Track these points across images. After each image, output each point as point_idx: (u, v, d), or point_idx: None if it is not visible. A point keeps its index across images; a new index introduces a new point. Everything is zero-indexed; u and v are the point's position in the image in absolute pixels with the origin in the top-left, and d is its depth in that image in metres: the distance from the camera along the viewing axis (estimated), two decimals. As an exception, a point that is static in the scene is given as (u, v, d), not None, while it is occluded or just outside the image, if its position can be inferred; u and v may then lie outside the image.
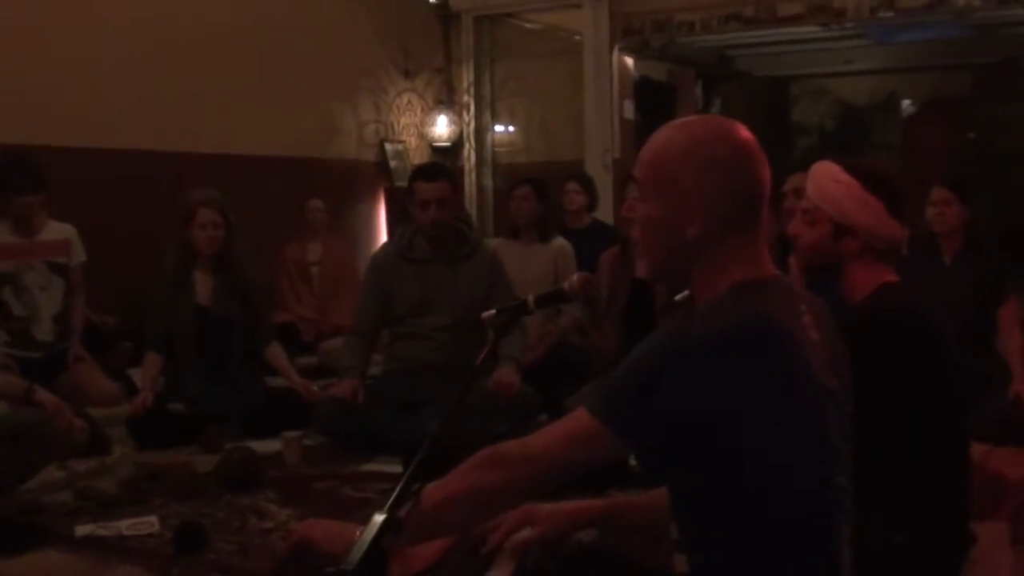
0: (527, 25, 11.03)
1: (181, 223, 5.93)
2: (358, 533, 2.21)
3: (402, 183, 9.84)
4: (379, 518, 2.14)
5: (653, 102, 11.83)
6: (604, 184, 9.52)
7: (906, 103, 14.47)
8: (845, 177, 2.96)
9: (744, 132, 2.17)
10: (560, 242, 6.94)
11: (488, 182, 11.12)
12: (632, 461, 4.46)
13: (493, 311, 2.72)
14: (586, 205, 7.94)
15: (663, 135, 2.21)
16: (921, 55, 12.99)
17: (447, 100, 11.05)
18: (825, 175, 3.01)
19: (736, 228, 2.13)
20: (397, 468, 4.89)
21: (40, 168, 6.22)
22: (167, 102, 7.86)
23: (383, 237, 10.04)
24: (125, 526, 4.17)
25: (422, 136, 10.84)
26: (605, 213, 8.87)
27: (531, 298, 2.67)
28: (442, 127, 10.86)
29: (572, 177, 8.09)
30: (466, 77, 11.04)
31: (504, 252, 6.52)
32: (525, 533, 2.54)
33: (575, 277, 2.70)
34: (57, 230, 6.41)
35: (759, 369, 1.98)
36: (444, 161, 10.59)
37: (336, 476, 4.97)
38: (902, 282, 3.00)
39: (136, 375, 6.45)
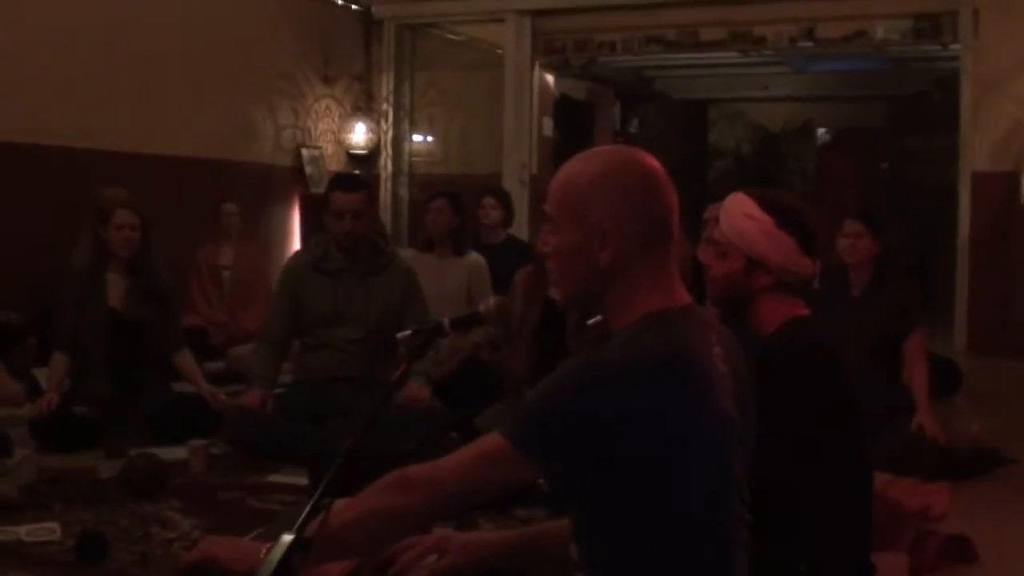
0: (449, 36, 11.06)
1: (94, 222, 5.82)
2: (264, 552, 2.19)
3: (318, 189, 9.83)
4: (287, 537, 2.12)
5: (572, 120, 11.92)
6: (520, 199, 9.59)
7: (821, 131, 14.72)
8: (758, 213, 2.96)
9: (650, 160, 2.21)
10: (474, 257, 6.93)
11: (404, 192, 11.13)
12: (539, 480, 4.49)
13: (408, 332, 2.70)
14: (502, 220, 7.92)
15: (571, 167, 2.23)
16: (838, 85, 13.24)
17: (366, 107, 11.04)
18: (738, 210, 3.01)
19: (647, 254, 2.16)
20: (303, 480, 4.86)
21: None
22: (80, 97, 7.77)
23: (296, 243, 10.01)
24: (25, 532, 4.08)
25: (339, 143, 10.82)
26: (520, 229, 8.91)
27: (447, 320, 2.66)
28: (360, 134, 10.84)
29: (489, 192, 8.07)
30: (386, 85, 11.06)
31: (418, 265, 6.48)
32: (433, 560, 2.53)
33: (491, 301, 2.70)
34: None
35: (668, 399, 2.02)
36: (360, 169, 10.59)
37: (241, 486, 4.92)
38: (810, 317, 3.02)
39: (41, 375, 6.33)
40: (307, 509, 2.17)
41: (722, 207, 3.08)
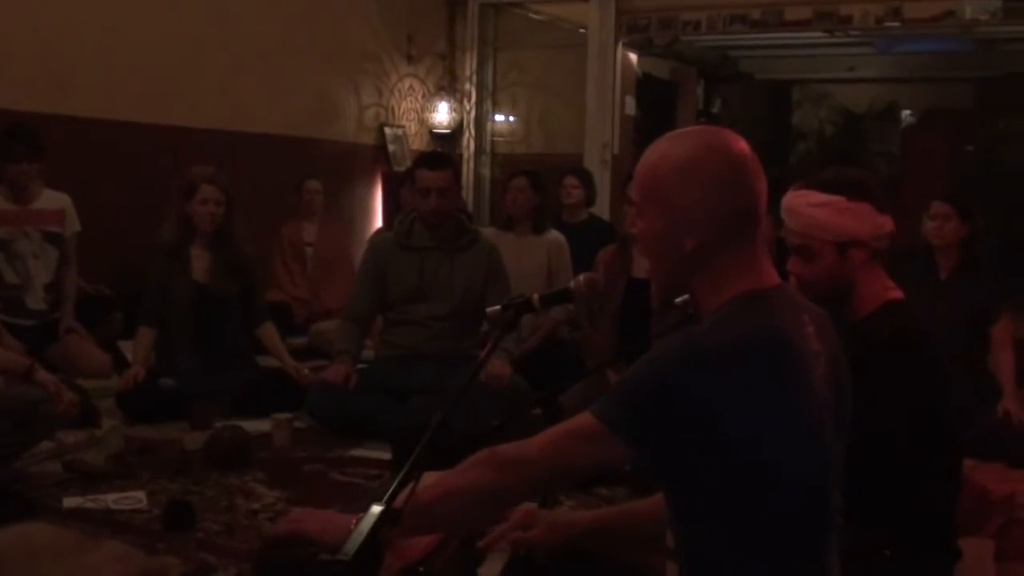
0: (532, 16, 11.01)
1: (181, 198, 5.89)
2: (353, 524, 2.21)
3: (400, 168, 9.87)
4: (377, 509, 2.13)
5: (654, 99, 11.84)
6: (602, 179, 9.55)
7: (906, 113, 14.50)
8: (826, 197, 2.93)
9: (739, 143, 2.16)
10: (554, 235, 6.91)
11: (486, 171, 11.12)
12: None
13: (498, 307, 2.71)
14: (583, 200, 7.89)
15: (658, 150, 2.19)
16: (923, 66, 13.04)
17: (448, 87, 11.04)
18: (804, 205, 2.96)
19: (734, 239, 2.13)
20: (386, 454, 4.91)
21: (38, 136, 6.18)
22: (169, 75, 7.84)
23: (379, 221, 10.05)
24: (112, 500, 4.18)
25: (422, 122, 10.84)
26: (602, 208, 8.87)
27: (536, 296, 2.66)
28: (442, 114, 10.85)
29: (570, 171, 8.04)
30: (469, 65, 11.05)
31: (498, 243, 6.48)
32: (519, 533, 2.54)
33: (581, 278, 2.70)
34: (52, 199, 6.38)
35: (764, 381, 1.98)
36: (442, 148, 10.59)
37: (324, 460, 4.98)
38: (904, 300, 2.98)
39: (126, 347, 6.44)
40: (396, 482, 2.18)
41: (786, 212, 3.03)
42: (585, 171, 8.28)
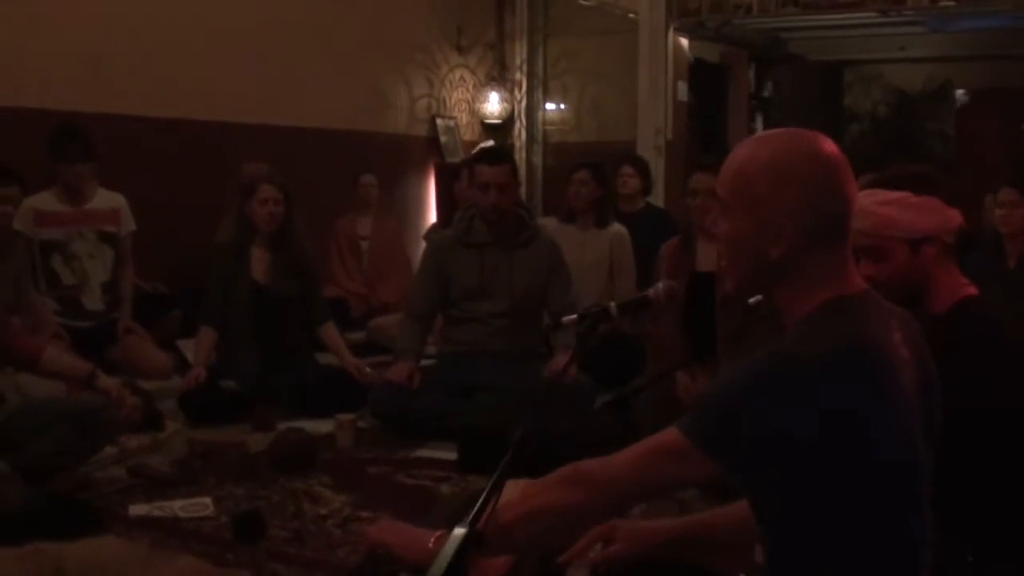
0: (582, 2, 10.92)
1: (240, 197, 5.88)
2: (431, 541, 2.18)
3: (453, 159, 9.84)
4: (460, 531, 2.09)
5: (706, 84, 11.73)
6: (656, 166, 9.46)
7: (960, 92, 14.31)
8: (893, 195, 2.86)
9: (829, 145, 2.10)
10: (617, 228, 6.83)
11: (538, 160, 11.03)
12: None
13: (574, 316, 2.66)
14: (640, 189, 7.85)
15: (745, 151, 2.13)
16: (977, 44, 12.86)
17: (499, 76, 10.97)
18: (871, 204, 2.87)
19: (822, 246, 2.07)
20: (450, 454, 4.88)
21: (91, 136, 6.19)
22: (219, 71, 7.83)
23: (432, 214, 10.02)
24: (179, 507, 4.15)
25: (473, 112, 10.79)
26: (657, 197, 8.80)
27: (613, 305, 2.62)
28: (493, 104, 10.79)
29: (627, 160, 7.99)
30: (519, 54, 10.98)
31: (559, 236, 6.45)
32: (599, 548, 2.50)
33: (660, 286, 2.66)
34: (107, 199, 6.39)
35: (853, 395, 1.93)
36: (494, 139, 10.53)
37: (389, 461, 4.94)
38: (979, 296, 2.91)
39: (186, 347, 6.45)
40: (478, 503, 2.14)
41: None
42: (641, 160, 8.21)
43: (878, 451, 1.95)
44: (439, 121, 10.25)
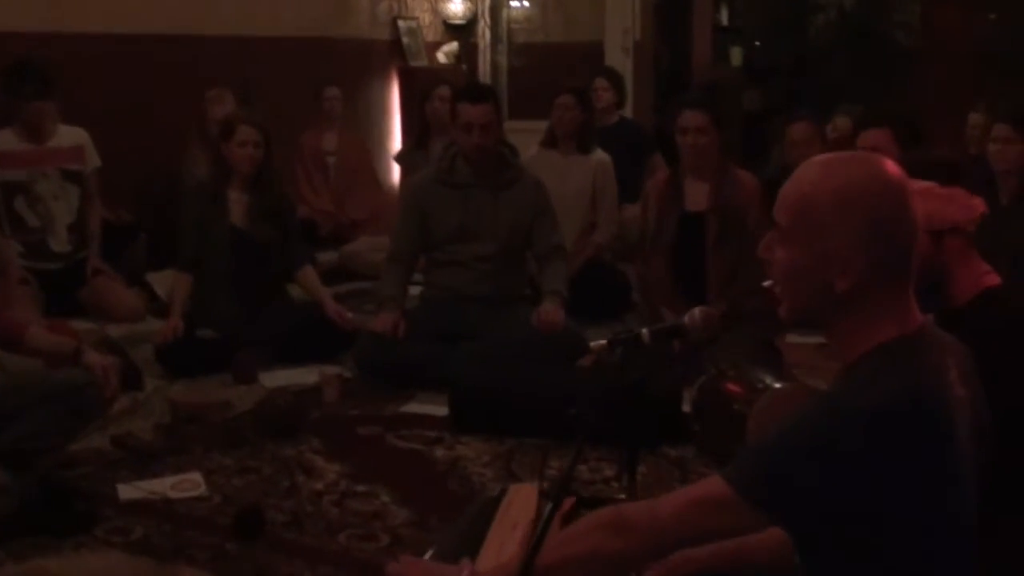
0: None
1: (218, 139, 5.70)
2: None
3: (416, 63, 9.61)
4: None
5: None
6: (624, 68, 9.29)
7: (927, -18, 14.11)
8: (918, 185, 2.77)
9: (896, 172, 2.00)
10: (600, 156, 6.64)
11: (503, 60, 10.77)
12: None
13: (604, 342, 2.55)
14: (614, 102, 7.75)
15: (810, 175, 2.03)
16: (944, -70, 12.64)
17: (462, -26, 10.68)
18: None
19: (888, 280, 1.99)
20: (441, 409, 4.78)
21: (48, 71, 5.96)
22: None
23: (397, 121, 9.81)
24: (170, 486, 4.02)
25: (436, 12, 10.52)
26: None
27: (645, 331, 2.51)
28: (457, 3, 10.54)
29: (600, 73, 7.86)
30: (482, -51, 10.68)
31: (541, 162, 6.35)
32: None
33: (697, 312, 2.54)
34: (69, 135, 6.17)
35: (911, 445, 1.88)
36: (457, 39, 10.31)
37: (379, 419, 4.81)
38: (1002, 287, 2.86)
39: (155, 280, 6.31)
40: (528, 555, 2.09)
41: None
42: (615, 73, 8.10)
43: (931, 507, 1.92)
44: (401, 23, 9.97)
